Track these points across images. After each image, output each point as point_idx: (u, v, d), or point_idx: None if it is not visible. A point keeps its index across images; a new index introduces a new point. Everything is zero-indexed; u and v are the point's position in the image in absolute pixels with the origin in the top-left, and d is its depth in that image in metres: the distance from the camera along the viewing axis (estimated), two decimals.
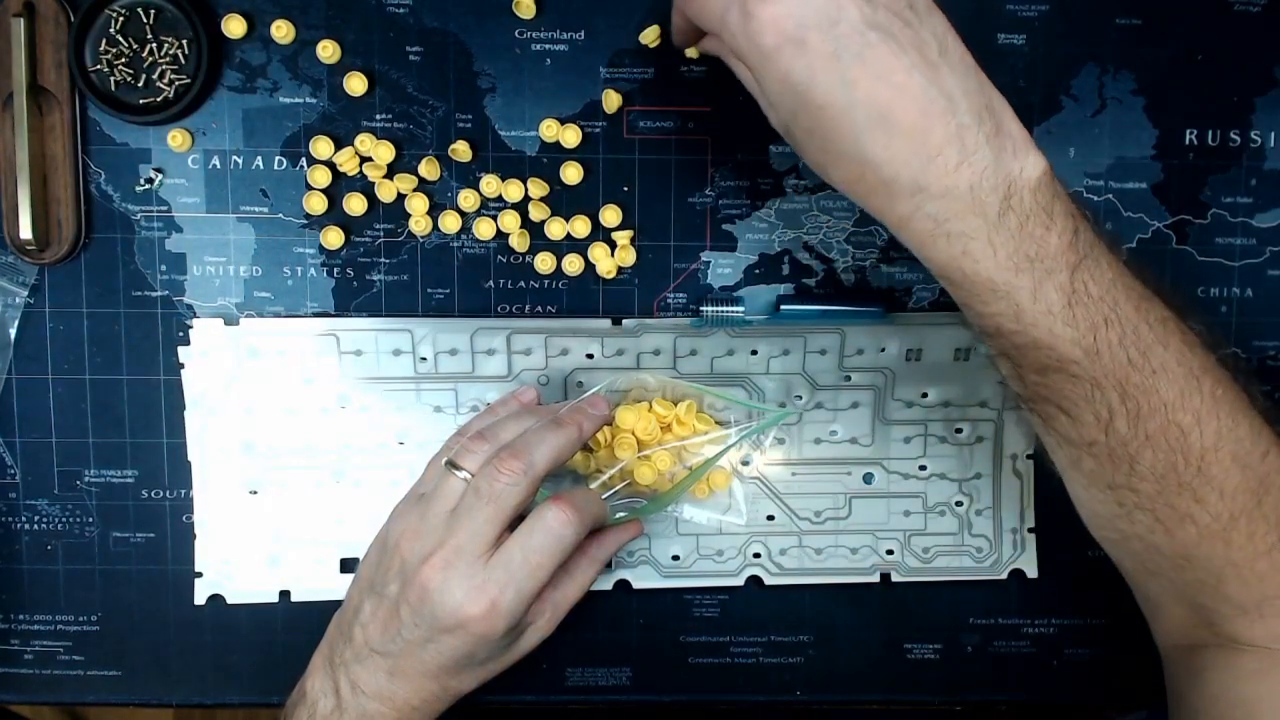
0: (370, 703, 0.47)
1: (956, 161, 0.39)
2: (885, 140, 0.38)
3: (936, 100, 0.38)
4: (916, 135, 0.38)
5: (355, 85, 0.53)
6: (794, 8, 0.38)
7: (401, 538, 0.47)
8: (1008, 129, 0.40)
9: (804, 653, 0.57)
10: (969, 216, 0.39)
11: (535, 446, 0.46)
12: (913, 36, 0.39)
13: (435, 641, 0.46)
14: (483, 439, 0.48)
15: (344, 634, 0.48)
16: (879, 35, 0.38)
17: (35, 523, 0.55)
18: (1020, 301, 0.40)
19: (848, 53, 0.38)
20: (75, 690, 0.56)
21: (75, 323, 0.54)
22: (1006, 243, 0.39)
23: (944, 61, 0.39)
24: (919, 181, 0.39)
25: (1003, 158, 0.39)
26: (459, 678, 0.48)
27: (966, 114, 0.39)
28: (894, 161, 0.39)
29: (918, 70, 0.38)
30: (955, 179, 0.39)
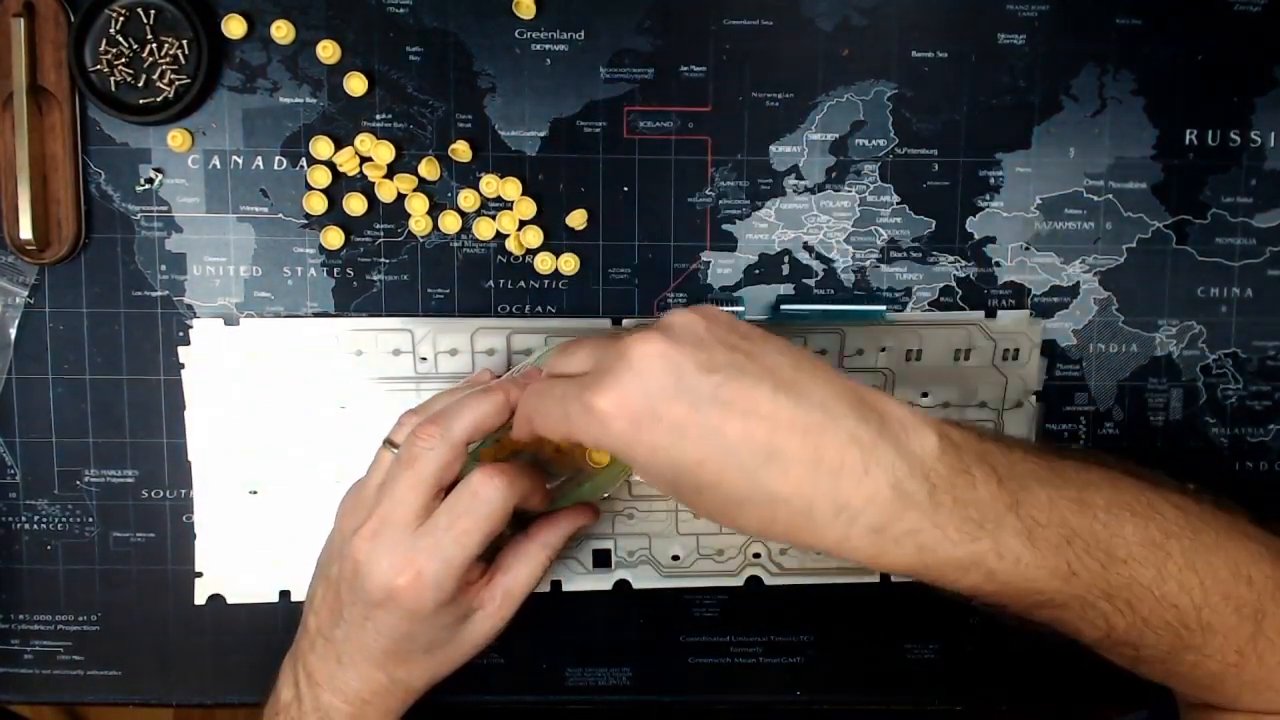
0: (324, 694, 0.46)
1: (863, 466, 0.37)
2: (781, 472, 0.36)
3: (813, 413, 0.37)
4: (809, 456, 0.36)
5: (355, 85, 0.53)
6: (631, 386, 0.37)
7: (341, 516, 0.48)
8: (889, 413, 0.38)
9: (804, 653, 0.57)
10: (905, 514, 0.37)
11: (455, 413, 0.45)
12: (760, 364, 0.38)
13: (372, 619, 0.45)
14: (414, 413, 0.48)
15: (303, 624, 0.48)
16: (725, 374, 0.37)
17: (35, 523, 0.55)
18: (989, 565, 0.38)
19: (703, 403, 0.37)
20: (75, 690, 0.56)
21: (75, 323, 0.54)
22: (950, 520, 0.37)
23: (800, 376, 0.38)
24: (837, 500, 0.37)
25: (900, 442, 0.38)
26: (405, 666, 0.47)
27: (848, 416, 0.37)
28: (801, 490, 0.37)
29: (780, 393, 0.37)
30: (873, 484, 0.37)
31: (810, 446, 0.36)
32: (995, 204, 0.56)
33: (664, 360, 0.37)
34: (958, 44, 0.55)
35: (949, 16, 0.55)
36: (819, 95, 0.55)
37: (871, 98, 0.55)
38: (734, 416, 0.37)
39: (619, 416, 0.37)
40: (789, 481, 0.37)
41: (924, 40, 0.55)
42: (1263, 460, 0.58)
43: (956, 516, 0.38)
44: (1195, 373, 0.57)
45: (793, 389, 0.37)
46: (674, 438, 0.37)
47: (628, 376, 0.37)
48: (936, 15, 0.55)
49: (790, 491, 0.37)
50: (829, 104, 0.55)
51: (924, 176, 0.55)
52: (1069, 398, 0.57)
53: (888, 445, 0.37)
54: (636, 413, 0.37)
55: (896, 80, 0.55)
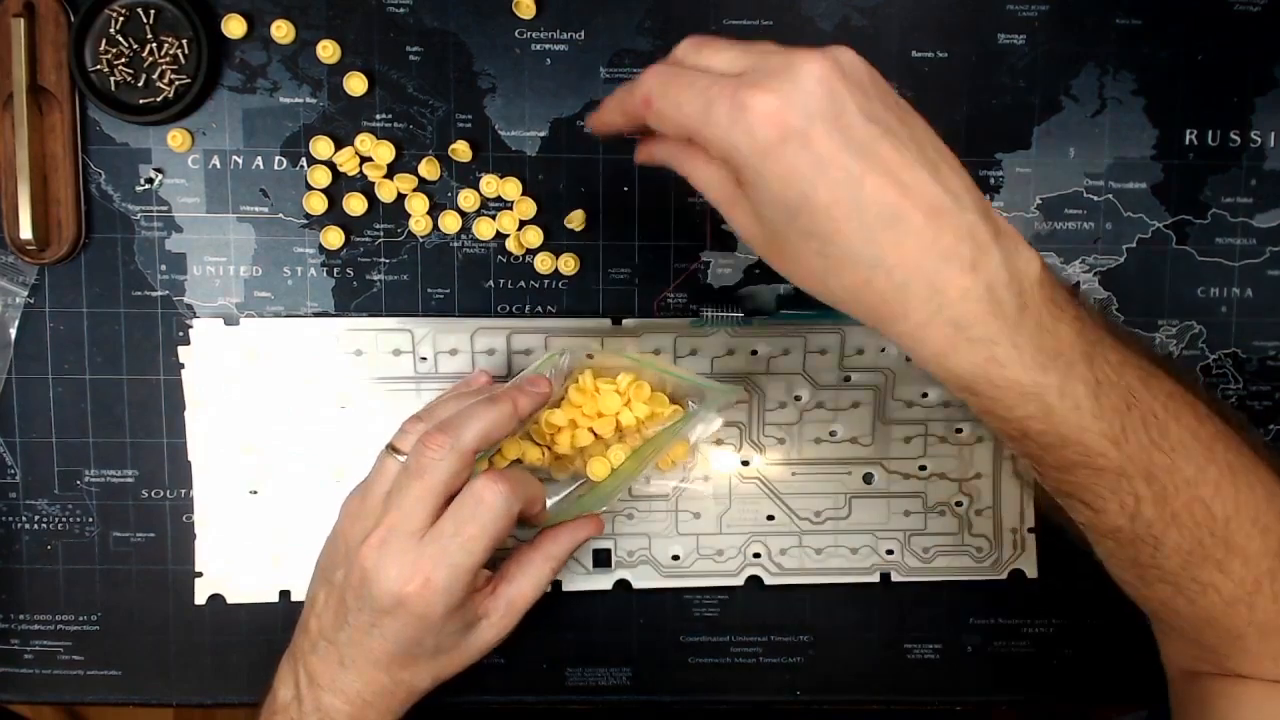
0: (325, 694, 0.46)
1: (971, 261, 0.36)
2: (897, 240, 0.36)
3: (943, 197, 0.36)
4: (929, 235, 0.36)
5: (355, 85, 0.53)
6: (796, 99, 0.35)
7: (345, 523, 0.47)
8: (1004, 226, 0.38)
9: (804, 653, 0.57)
10: (990, 320, 0.37)
11: (464, 422, 0.45)
12: (910, 133, 0.37)
13: (379, 625, 0.45)
14: (419, 420, 0.48)
15: (303, 626, 0.48)
16: (881, 129, 0.36)
17: (35, 523, 0.55)
18: (1049, 401, 0.38)
19: (855, 147, 0.35)
20: (75, 690, 0.56)
21: (75, 323, 0.54)
22: (1029, 342, 0.37)
23: (941, 159, 0.38)
24: (934, 284, 0.36)
25: (1010, 255, 0.37)
26: (410, 670, 0.47)
27: (974, 210, 0.37)
28: (906, 264, 0.36)
29: (921, 166, 0.36)
30: (973, 279, 0.36)
31: (933, 226, 0.36)
32: (995, 204, 0.55)
33: (832, 90, 0.36)
34: (958, 44, 0.55)
35: (949, 16, 0.55)
36: None
37: None
38: (877, 172, 0.35)
39: (771, 125, 0.35)
40: (901, 251, 0.36)
41: (924, 40, 0.55)
42: None
43: (1035, 341, 0.38)
44: (1195, 373, 0.57)
45: (935, 168, 0.37)
46: (814, 170, 0.35)
47: (793, 89, 0.35)
48: (936, 15, 0.55)
49: (897, 262, 0.36)
50: None
51: None
52: None
53: (998, 250, 0.37)
54: (790, 128, 0.35)
55: (896, 80, 0.55)
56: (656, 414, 0.52)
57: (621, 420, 0.51)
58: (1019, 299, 0.37)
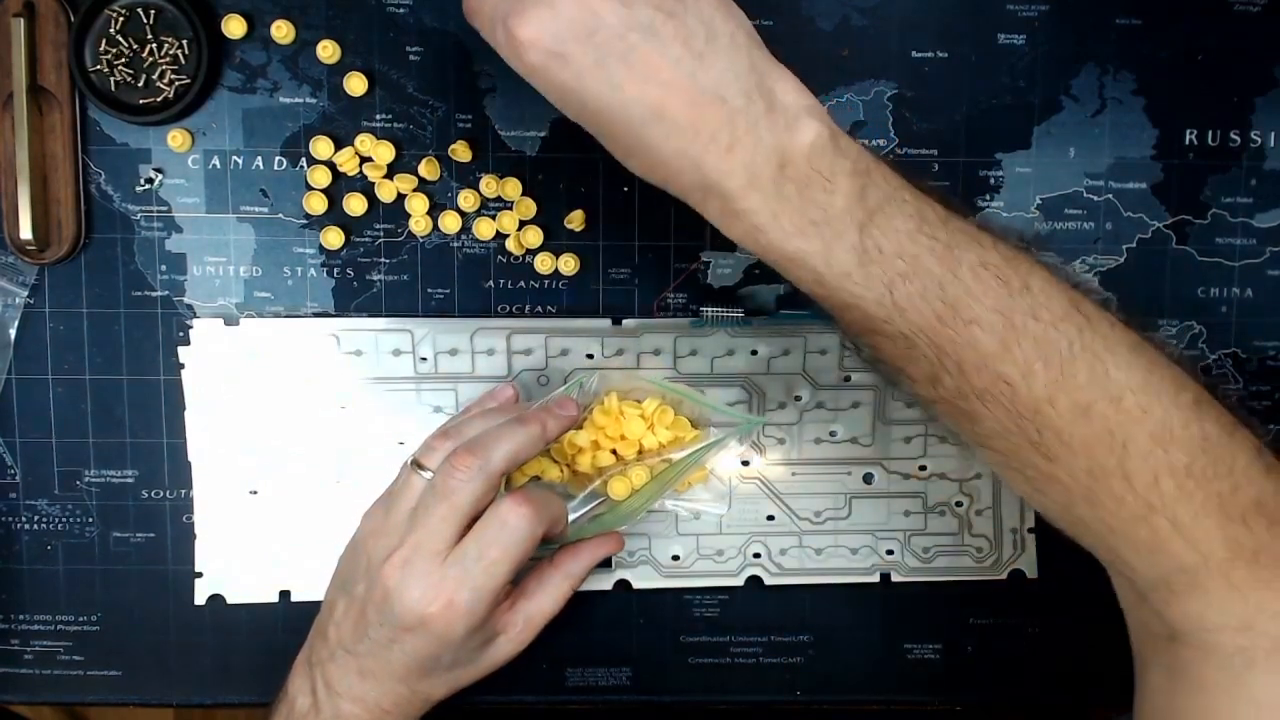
0: (343, 703, 0.47)
1: (728, 144, 0.39)
2: (663, 134, 0.39)
3: (704, 91, 0.39)
4: (689, 127, 0.39)
5: (355, 85, 0.53)
6: (550, 25, 0.39)
7: (368, 537, 0.47)
8: (781, 102, 0.40)
9: (804, 653, 0.57)
10: (749, 193, 0.40)
11: (493, 444, 0.46)
12: (676, 28, 0.39)
13: (399, 642, 0.46)
14: (446, 437, 0.47)
15: (321, 633, 0.48)
16: (640, 35, 0.39)
17: (35, 523, 0.55)
18: (815, 266, 0.40)
19: (610, 58, 0.39)
20: (75, 690, 0.56)
21: (75, 323, 0.54)
22: (788, 212, 0.40)
23: (710, 48, 0.40)
24: (699, 166, 0.39)
25: (775, 131, 0.40)
26: (428, 681, 0.47)
27: (737, 96, 0.39)
28: (675, 154, 0.39)
29: (682, 63, 0.39)
30: (730, 161, 0.39)
31: (692, 118, 0.39)
32: (995, 204, 0.56)
33: (585, 8, 0.39)
34: (958, 44, 0.55)
35: (949, 16, 0.55)
36: (819, 95, 0.54)
37: (871, 98, 0.55)
38: (634, 79, 0.39)
39: (533, 50, 0.39)
40: (668, 143, 0.39)
41: (924, 40, 0.55)
42: None
43: (794, 211, 0.40)
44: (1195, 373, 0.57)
45: (697, 61, 0.39)
46: (576, 82, 0.39)
47: (548, 14, 0.39)
48: (936, 15, 0.55)
49: (666, 152, 0.40)
50: (829, 104, 0.55)
51: (924, 176, 0.55)
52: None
53: (760, 130, 0.39)
54: (548, 52, 0.39)
55: (896, 80, 0.55)
56: (679, 438, 0.53)
57: (644, 444, 0.52)
58: (779, 173, 0.40)
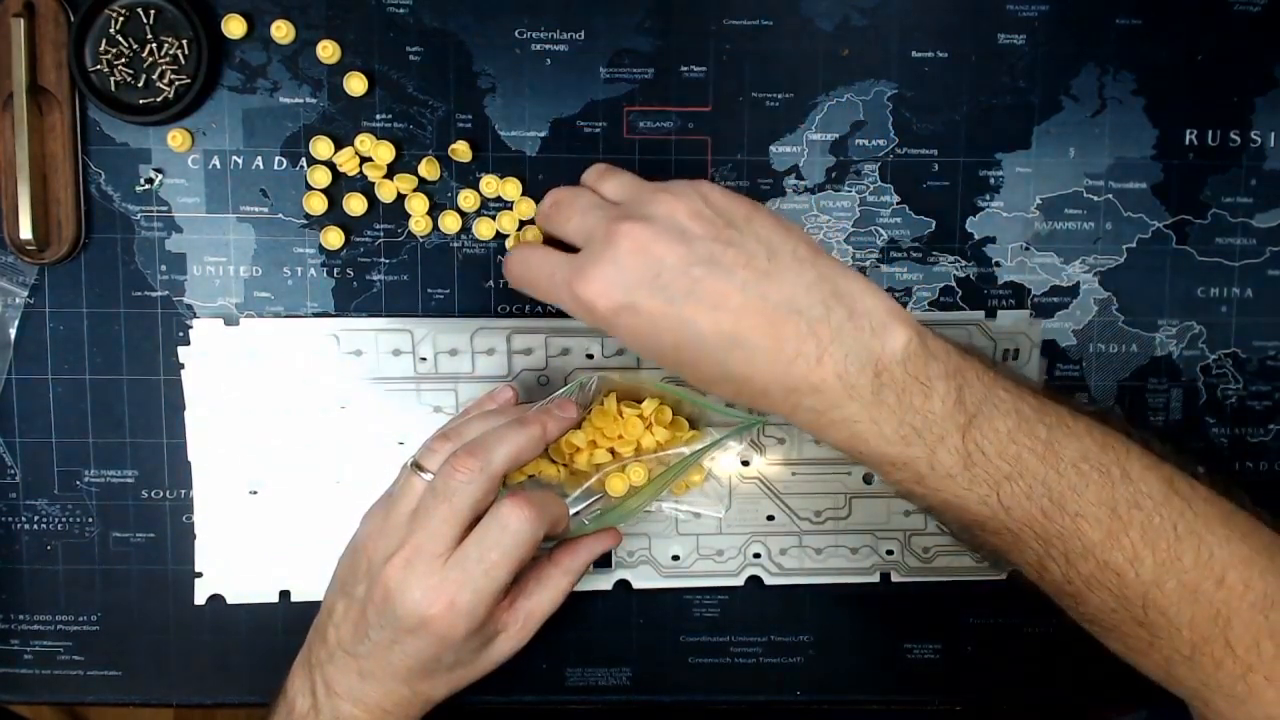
0: (343, 704, 0.47)
1: (816, 357, 0.40)
2: (745, 357, 0.40)
3: (778, 308, 0.40)
4: (771, 346, 0.40)
5: (355, 85, 0.53)
6: (613, 277, 0.40)
7: (368, 539, 0.47)
8: (863, 308, 0.40)
9: (804, 653, 0.57)
10: (846, 404, 0.40)
11: (494, 445, 0.46)
12: (737, 254, 0.40)
13: (400, 643, 0.46)
14: (446, 439, 0.47)
15: (320, 635, 0.48)
16: (703, 268, 0.40)
17: (35, 523, 0.55)
18: (918, 470, 0.40)
19: (679, 296, 0.40)
20: (75, 690, 0.56)
21: (75, 323, 0.54)
22: (889, 419, 0.40)
23: (775, 266, 0.40)
24: (787, 384, 0.40)
25: (862, 338, 0.40)
26: (429, 682, 0.47)
27: (814, 307, 0.40)
28: (759, 374, 0.40)
29: (750, 286, 0.40)
30: (821, 373, 0.40)
31: (772, 336, 0.40)
32: (995, 204, 0.56)
33: (645, 256, 0.40)
34: (958, 44, 0.55)
35: (949, 16, 0.55)
36: (819, 95, 0.55)
37: (871, 98, 0.55)
38: (705, 310, 0.40)
39: (602, 305, 0.41)
40: (752, 366, 0.40)
41: (924, 40, 0.55)
42: (1263, 460, 0.58)
43: (895, 419, 0.40)
44: (1195, 373, 0.57)
45: (765, 280, 0.40)
46: (650, 328, 0.40)
47: (611, 270, 0.40)
48: (936, 15, 0.55)
49: (752, 374, 0.40)
50: (829, 104, 0.55)
51: (924, 176, 0.55)
52: (1069, 397, 0.57)
53: (846, 339, 0.40)
54: (617, 304, 0.40)
55: (896, 80, 0.55)
56: (677, 437, 0.53)
57: (642, 443, 0.52)
58: (874, 380, 0.40)
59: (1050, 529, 0.40)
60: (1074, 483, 0.40)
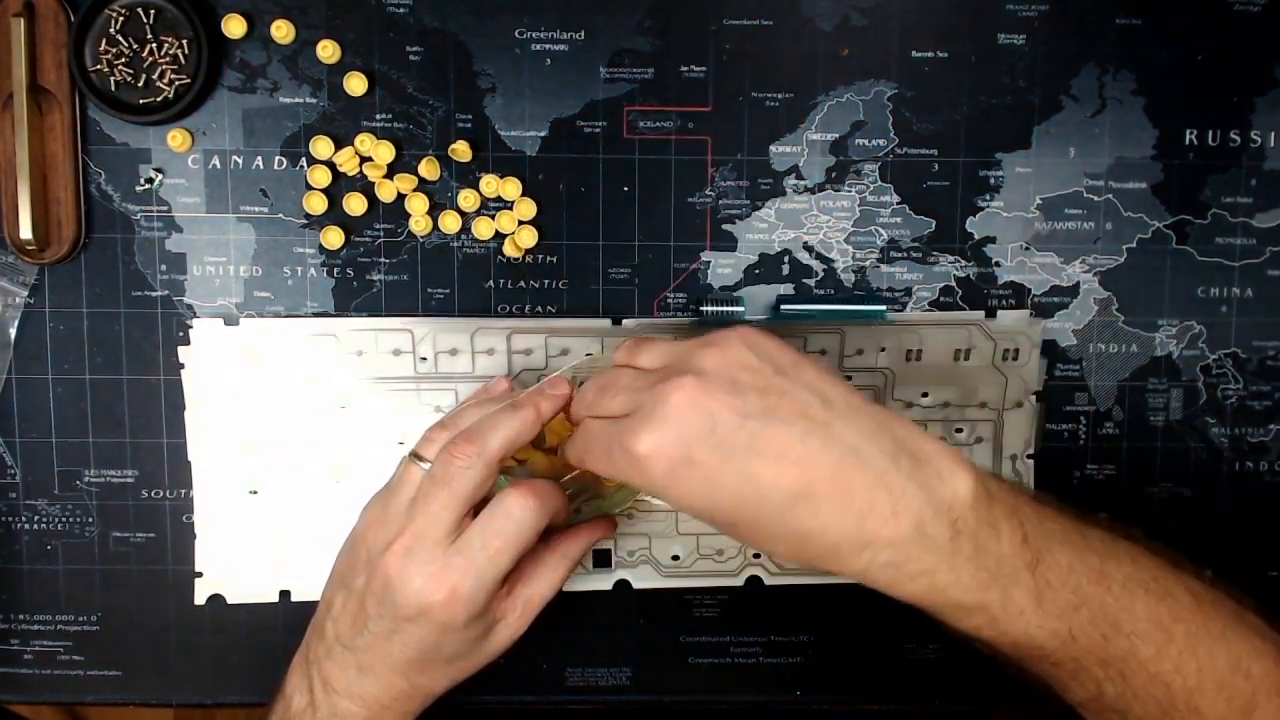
0: (341, 700, 0.46)
1: (891, 509, 0.38)
2: (811, 511, 0.38)
3: (844, 457, 0.38)
4: (839, 498, 0.38)
5: (355, 85, 0.53)
6: (669, 434, 0.38)
7: (366, 529, 0.47)
8: (925, 454, 0.39)
9: (804, 653, 0.57)
10: (924, 556, 0.39)
11: (490, 430, 0.46)
12: (791, 404, 0.39)
13: (400, 632, 0.45)
14: (443, 428, 0.47)
15: (318, 631, 0.48)
16: (759, 421, 0.38)
17: (35, 523, 0.55)
18: (994, 613, 0.40)
19: (737, 450, 0.38)
20: (75, 690, 0.56)
21: (75, 323, 0.54)
22: (966, 566, 0.39)
23: (831, 414, 0.39)
24: (862, 539, 0.38)
25: (932, 486, 0.39)
26: (427, 674, 0.47)
27: (879, 458, 0.38)
28: (829, 529, 0.38)
29: (810, 436, 0.38)
30: (897, 526, 0.38)
31: (840, 488, 0.38)
32: (995, 204, 0.56)
33: (697, 410, 0.38)
34: (958, 44, 0.55)
35: (949, 16, 0.55)
36: (819, 95, 0.55)
37: (871, 98, 0.55)
38: (766, 462, 0.38)
39: (657, 462, 0.39)
40: (818, 521, 0.38)
41: (924, 40, 0.55)
42: (1263, 460, 0.58)
43: (973, 565, 0.39)
44: (1195, 373, 0.57)
45: (824, 430, 0.38)
46: (708, 484, 0.38)
47: (663, 427, 0.38)
48: (936, 15, 0.55)
49: (819, 529, 0.38)
50: (829, 104, 0.55)
51: (924, 176, 0.55)
52: (1069, 398, 0.57)
53: (917, 489, 0.38)
54: (673, 460, 0.38)
55: (896, 80, 0.55)
56: None
57: None
58: (950, 528, 0.39)
59: (1110, 651, 0.41)
60: (1126, 604, 0.41)
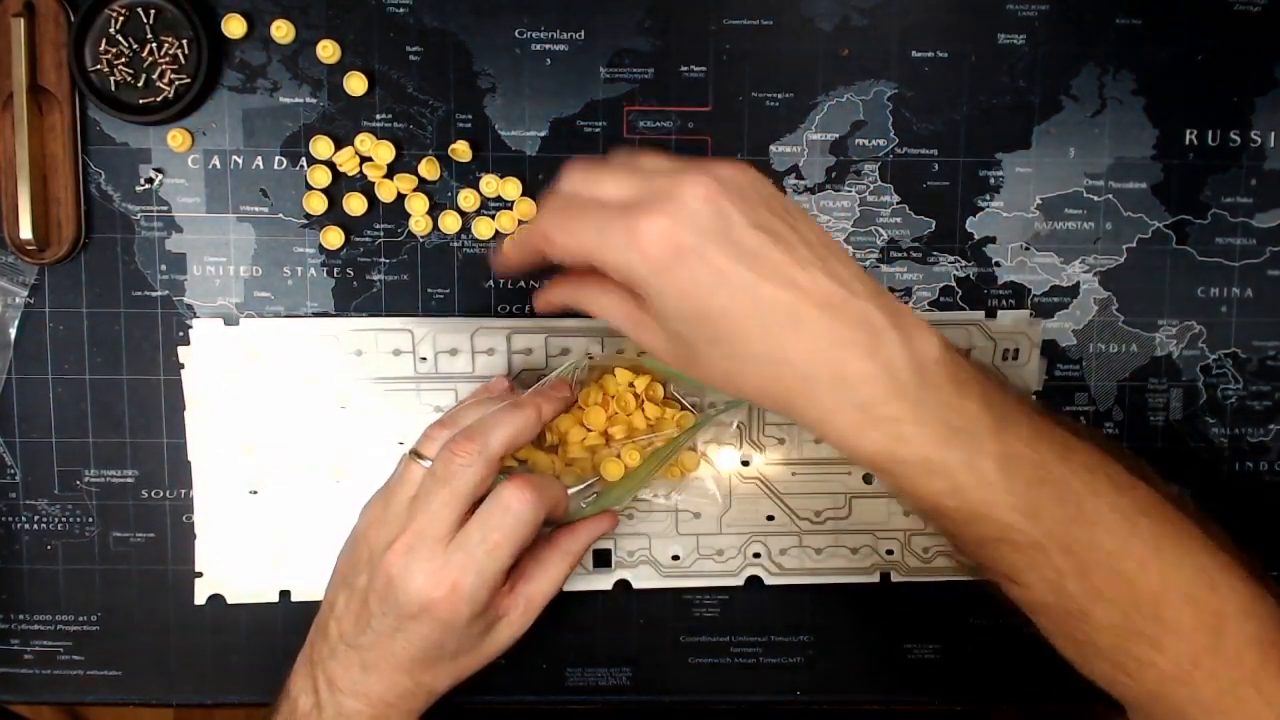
0: (346, 699, 0.46)
1: (869, 346, 0.38)
2: (796, 336, 0.38)
3: (836, 291, 0.38)
4: (825, 326, 0.38)
5: (355, 85, 0.53)
6: (685, 218, 0.37)
7: (368, 528, 0.47)
8: (900, 309, 0.40)
9: (804, 653, 0.57)
10: (892, 401, 0.38)
11: (491, 428, 0.46)
12: (797, 236, 0.39)
13: (403, 630, 0.46)
14: (444, 426, 0.48)
15: (321, 631, 0.48)
16: (768, 236, 0.38)
17: (35, 523, 0.55)
18: (957, 476, 0.39)
19: (746, 257, 0.38)
20: (75, 690, 0.56)
21: (75, 323, 0.54)
22: (932, 419, 0.39)
23: (829, 253, 0.39)
24: (837, 372, 0.38)
25: (908, 335, 0.39)
26: (431, 672, 0.47)
27: (866, 299, 0.39)
28: (809, 357, 0.38)
29: (811, 265, 0.38)
30: (873, 364, 0.38)
31: (829, 317, 0.38)
32: (995, 204, 0.56)
33: (715, 205, 0.38)
34: (958, 44, 0.55)
35: (949, 16, 0.55)
36: (819, 95, 0.55)
37: (871, 98, 0.55)
38: (769, 276, 0.38)
39: (665, 245, 0.37)
40: (802, 346, 0.38)
41: (924, 40, 0.55)
42: (1263, 460, 0.58)
43: (938, 419, 0.39)
44: (1195, 373, 0.57)
45: (824, 263, 0.39)
46: (711, 282, 0.38)
47: (681, 213, 0.37)
48: (936, 15, 0.55)
49: (800, 357, 0.38)
50: (829, 104, 0.55)
51: (924, 176, 0.55)
52: (1069, 398, 0.57)
53: (895, 333, 0.39)
54: (683, 247, 0.37)
55: (896, 80, 0.55)
56: (668, 416, 0.53)
57: (634, 422, 0.52)
58: (920, 377, 0.39)
59: (1073, 537, 0.40)
60: (1090, 486, 0.40)
